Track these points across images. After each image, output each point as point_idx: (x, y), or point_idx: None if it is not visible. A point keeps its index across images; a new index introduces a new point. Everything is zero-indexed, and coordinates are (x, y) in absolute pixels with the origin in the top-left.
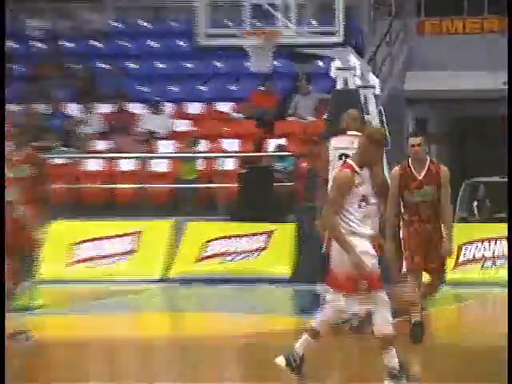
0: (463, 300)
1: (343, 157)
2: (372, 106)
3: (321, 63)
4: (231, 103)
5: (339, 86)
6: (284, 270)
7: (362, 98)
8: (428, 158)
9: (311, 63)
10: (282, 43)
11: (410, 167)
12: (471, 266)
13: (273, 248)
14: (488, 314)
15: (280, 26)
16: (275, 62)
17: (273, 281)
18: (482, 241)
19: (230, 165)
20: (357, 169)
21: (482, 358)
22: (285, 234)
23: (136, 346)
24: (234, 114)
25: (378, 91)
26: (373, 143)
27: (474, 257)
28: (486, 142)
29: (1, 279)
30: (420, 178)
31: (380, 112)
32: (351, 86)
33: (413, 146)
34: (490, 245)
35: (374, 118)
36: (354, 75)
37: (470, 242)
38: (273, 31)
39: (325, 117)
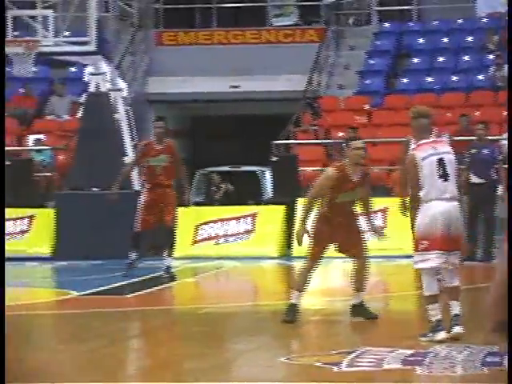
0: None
1: None
2: (120, 107)
3: (74, 69)
4: None
5: (92, 88)
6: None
7: (112, 100)
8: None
9: (66, 69)
10: (41, 51)
11: (345, 170)
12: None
13: (35, 231)
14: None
15: (39, 36)
16: (35, 68)
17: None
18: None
19: None
20: None
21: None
22: (45, 218)
23: None
24: None
25: (125, 94)
26: None
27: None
28: (215, 137)
29: (0, 278)
30: (355, 180)
31: (127, 111)
32: (102, 89)
33: (358, 148)
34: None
35: (122, 116)
36: (105, 80)
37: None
38: (33, 41)
39: (78, 116)
